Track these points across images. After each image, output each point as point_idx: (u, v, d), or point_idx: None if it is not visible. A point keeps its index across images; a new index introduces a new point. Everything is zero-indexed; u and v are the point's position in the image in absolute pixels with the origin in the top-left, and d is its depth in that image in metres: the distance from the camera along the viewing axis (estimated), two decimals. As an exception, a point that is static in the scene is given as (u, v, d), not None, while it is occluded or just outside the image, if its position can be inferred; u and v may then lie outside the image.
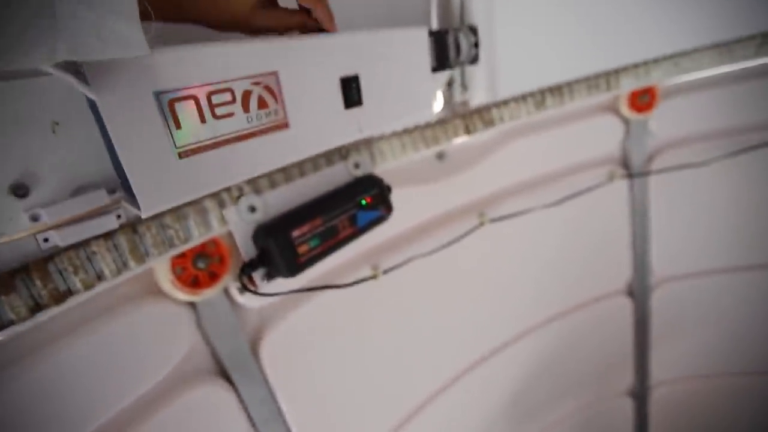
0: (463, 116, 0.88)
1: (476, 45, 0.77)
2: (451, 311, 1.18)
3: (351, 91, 0.51)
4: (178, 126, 0.37)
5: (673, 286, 1.50)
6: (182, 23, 0.39)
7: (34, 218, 0.40)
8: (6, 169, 0.39)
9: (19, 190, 0.39)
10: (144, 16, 0.30)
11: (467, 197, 1.09)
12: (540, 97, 0.97)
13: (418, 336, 1.12)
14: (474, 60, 0.78)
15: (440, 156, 1.02)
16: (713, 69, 1.09)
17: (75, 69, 0.31)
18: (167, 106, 0.36)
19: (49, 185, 0.41)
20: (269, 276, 0.57)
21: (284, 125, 0.45)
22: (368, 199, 0.62)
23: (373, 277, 0.94)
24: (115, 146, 0.33)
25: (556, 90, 0.99)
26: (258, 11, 0.42)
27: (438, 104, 0.85)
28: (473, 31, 0.76)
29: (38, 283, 0.41)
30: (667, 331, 1.58)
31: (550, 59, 0.96)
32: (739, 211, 1.39)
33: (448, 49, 0.70)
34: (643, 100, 1.17)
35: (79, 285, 0.44)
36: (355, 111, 0.53)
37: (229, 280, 0.69)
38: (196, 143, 0.39)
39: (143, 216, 0.37)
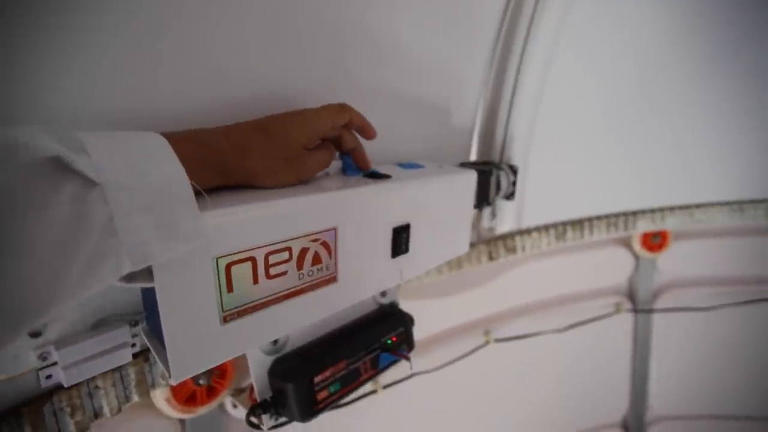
0: (488, 242, 0.88)
1: (514, 183, 0.78)
2: (447, 427, 1.10)
3: (401, 241, 0.50)
4: (230, 290, 0.34)
5: (668, 426, 1.44)
6: (233, 184, 0.38)
7: (43, 358, 0.36)
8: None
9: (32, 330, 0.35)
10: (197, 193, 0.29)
11: (475, 314, 1.06)
12: (562, 229, 0.98)
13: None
14: (510, 196, 0.79)
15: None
16: (723, 223, 1.12)
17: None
18: (224, 270, 0.34)
19: (66, 320, 0.37)
20: (278, 415, 0.52)
21: (332, 279, 0.43)
22: (394, 339, 0.58)
23: (374, 392, 0.88)
24: (162, 318, 0.31)
25: (578, 224, 1.00)
26: (308, 160, 0.42)
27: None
28: (514, 170, 0.78)
29: (27, 430, 0.36)
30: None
31: (574, 195, 0.98)
32: (739, 360, 1.37)
33: (490, 187, 0.71)
34: (656, 240, 1.19)
35: (72, 429, 0.39)
36: (400, 258, 0.51)
37: (227, 395, 0.64)
38: (243, 306, 0.36)
39: (173, 383, 0.33)
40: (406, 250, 0.51)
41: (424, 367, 0.94)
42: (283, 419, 0.53)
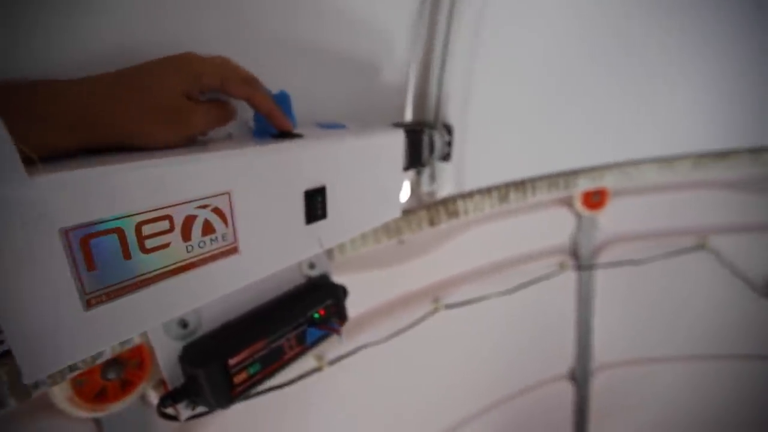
0: (428, 207, 0.85)
1: (450, 144, 0.75)
2: (400, 397, 1.10)
3: (315, 205, 0.45)
4: (92, 268, 0.29)
5: (611, 372, 1.53)
6: (101, 146, 0.33)
7: None
8: None
9: None
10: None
11: (422, 282, 1.05)
12: (504, 191, 0.97)
13: (366, 425, 1.03)
14: (446, 158, 0.76)
15: (401, 241, 0.98)
16: (655, 179, 1.16)
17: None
18: (78, 244, 0.28)
19: None
20: (195, 404, 0.48)
21: (233, 250, 0.38)
22: (321, 312, 0.55)
23: (318, 369, 0.85)
24: (-6, 306, 0.25)
25: (520, 185, 0.99)
26: (192, 113, 0.36)
27: (404, 197, 0.81)
28: (448, 130, 0.75)
29: None
30: (604, 414, 1.60)
31: (515, 156, 0.97)
32: (674, 306, 1.46)
33: (423, 148, 0.67)
34: (595, 198, 1.22)
35: None
36: (317, 224, 0.47)
37: (147, 387, 0.59)
38: (112, 286, 0.31)
39: (26, 382, 0.28)
40: (324, 216, 0.47)
41: (371, 339, 0.92)
42: (203, 408, 0.49)
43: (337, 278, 0.69)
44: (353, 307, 0.91)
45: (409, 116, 0.79)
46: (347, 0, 0.60)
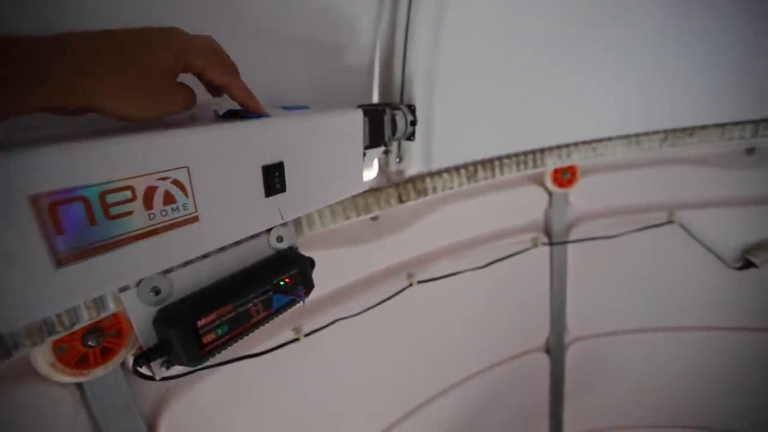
0: (397, 185, 0.89)
1: (413, 123, 0.78)
2: (376, 370, 1.16)
3: (273, 180, 0.49)
4: (60, 232, 0.33)
5: (585, 344, 1.60)
6: (76, 113, 0.34)
7: None
8: None
9: None
10: None
11: (397, 258, 1.10)
12: (473, 169, 1.01)
13: (341, 397, 1.09)
14: (410, 137, 0.80)
15: (374, 218, 1.02)
16: (624, 156, 1.21)
17: None
18: (47, 209, 0.32)
19: None
20: (169, 363, 0.52)
21: (194, 219, 0.42)
22: (287, 280, 0.59)
23: (295, 340, 0.90)
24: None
25: (488, 164, 1.03)
26: (176, 93, 0.38)
27: (373, 173, 0.85)
28: (412, 110, 0.78)
29: None
30: (579, 386, 1.67)
31: (483, 135, 1.01)
32: (644, 279, 1.52)
33: (384, 127, 0.71)
34: (566, 176, 1.27)
35: None
36: (276, 198, 0.51)
37: (127, 354, 0.63)
38: (80, 248, 0.34)
39: (2, 331, 0.32)
40: (283, 189, 0.51)
41: (346, 314, 0.97)
42: (179, 370, 0.54)
43: (313, 254, 0.73)
44: (328, 281, 0.96)
45: (376, 98, 0.83)
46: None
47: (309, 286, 0.63)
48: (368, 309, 1.00)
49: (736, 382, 1.70)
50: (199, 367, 0.55)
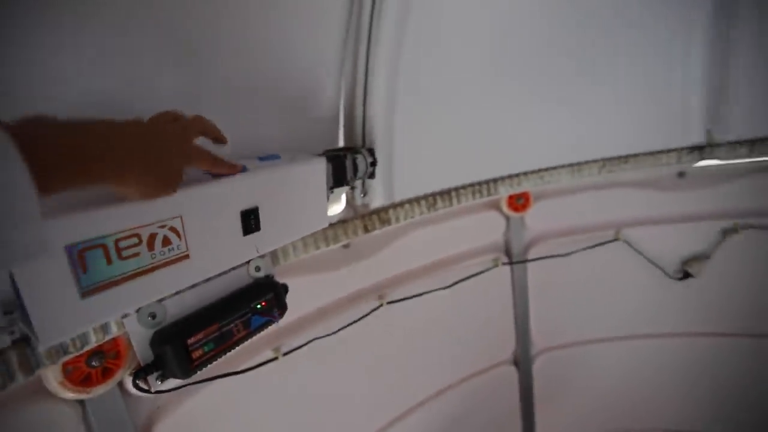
0: (363, 216, 1.01)
1: (373, 164, 0.91)
2: (351, 386, 1.25)
3: (249, 222, 0.61)
4: (85, 270, 0.44)
5: (550, 355, 1.71)
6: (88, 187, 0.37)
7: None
8: None
9: None
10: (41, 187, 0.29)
11: (368, 281, 1.21)
12: (432, 199, 1.14)
13: (318, 412, 1.17)
14: (371, 176, 0.92)
15: (346, 245, 1.13)
16: (568, 182, 1.36)
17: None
18: (76, 255, 0.43)
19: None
20: (163, 377, 0.62)
21: (185, 257, 0.53)
22: (263, 303, 0.70)
23: (275, 358, 0.99)
24: (22, 294, 0.39)
25: (446, 194, 1.17)
26: (179, 181, 0.47)
27: (340, 207, 0.97)
28: (371, 152, 0.91)
29: None
30: (548, 395, 1.78)
31: (440, 169, 1.14)
32: (596, 291, 1.66)
33: (346, 170, 0.83)
34: (520, 201, 1.41)
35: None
36: (253, 236, 0.62)
37: (124, 374, 0.72)
38: (100, 283, 0.45)
39: (41, 350, 0.42)
40: (258, 228, 0.62)
41: (322, 333, 1.07)
42: (173, 384, 0.63)
43: (290, 281, 0.83)
44: (304, 304, 1.07)
45: (341, 142, 0.96)
46: (277, 49, 0.76)
47: (283, 308, 0.74)
48: (342, 329, 1.10)
49: (689, 384, 1.83)
50: (190, 382, 0.65)
